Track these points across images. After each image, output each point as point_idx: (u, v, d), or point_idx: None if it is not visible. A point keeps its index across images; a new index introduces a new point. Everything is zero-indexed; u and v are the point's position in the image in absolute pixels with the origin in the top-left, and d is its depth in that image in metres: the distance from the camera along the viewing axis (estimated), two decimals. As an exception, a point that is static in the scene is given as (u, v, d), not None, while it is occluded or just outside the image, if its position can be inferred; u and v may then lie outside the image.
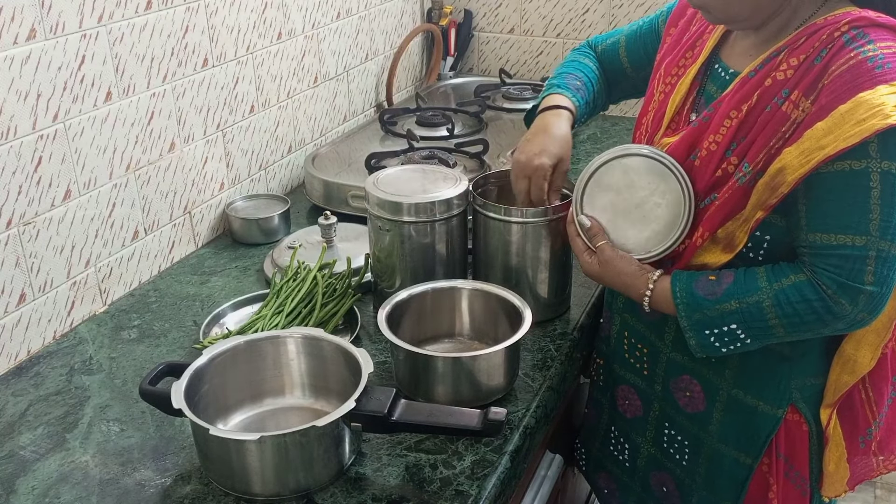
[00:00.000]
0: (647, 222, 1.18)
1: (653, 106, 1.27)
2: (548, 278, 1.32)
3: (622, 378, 1.36)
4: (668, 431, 1.31)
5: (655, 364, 1.29)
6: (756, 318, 1.08)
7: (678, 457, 1.31)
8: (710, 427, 1.25)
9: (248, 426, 1.12)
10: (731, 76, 1.16)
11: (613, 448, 1.43)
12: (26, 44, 1.23)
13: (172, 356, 1.30)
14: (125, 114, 1.42)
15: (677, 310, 1.13)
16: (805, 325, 1.07)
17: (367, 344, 1.31)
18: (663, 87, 1.26)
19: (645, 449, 1.36)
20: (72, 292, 1.38)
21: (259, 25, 1.71)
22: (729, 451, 1.24)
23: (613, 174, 1.19)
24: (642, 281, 1.17)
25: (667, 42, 1.30)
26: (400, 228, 1.29)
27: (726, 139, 1.11)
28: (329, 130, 2.02)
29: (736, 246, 1.11)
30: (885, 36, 1.02)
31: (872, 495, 2.49)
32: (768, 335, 1.10)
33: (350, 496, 1.01)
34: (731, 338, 1.11)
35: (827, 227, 1.04)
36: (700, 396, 1.24)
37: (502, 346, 1.13)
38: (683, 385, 1.26)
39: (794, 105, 1.05)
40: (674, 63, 1.25)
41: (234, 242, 1.65)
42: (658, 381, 1.29)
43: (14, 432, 1.14)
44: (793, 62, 1.06)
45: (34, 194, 1.29)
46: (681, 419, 1.28)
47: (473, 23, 2.47)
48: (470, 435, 1.05)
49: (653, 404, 1.32)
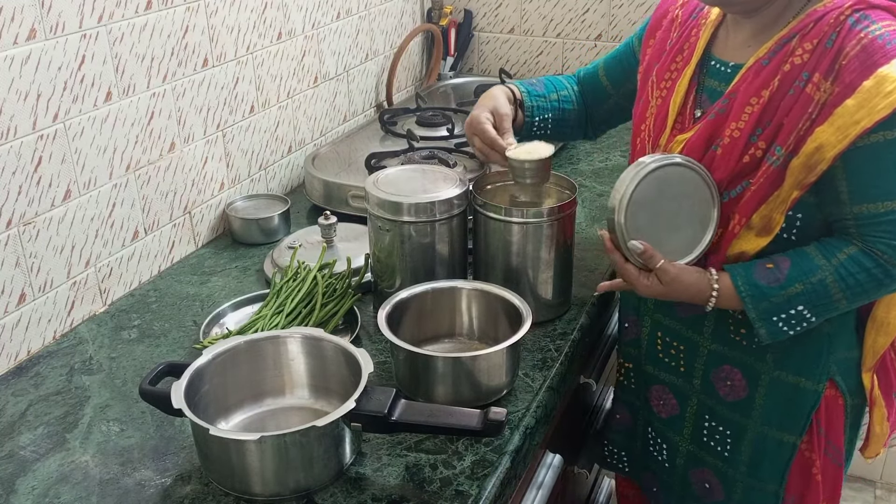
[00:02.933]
0: (684, 226, 1.20)
1: (650, 111, 1.30)
2: (550, 279, 1.32)
3: (655, 378, 1.39)
4: (707, 424, 1.34)
5: (694, 359, 1.32)
6: (821, 295, 1.13)
7: (719, 448, 1.33)
8: (753, 412, 1.28)
9: (249, 426, 1.12)
10: (733, 68, 1.20)
11: (653, 449, 1.46)
12: (26, 44, 1.23)
13: (172, 356, 1.30)
14: (125, 114, 1.42)
15: (744, 303, 1.16)
16: (866, 292, 1.14)
17: (367, 344, 1.31)
18: (659, 91, 1.29)
19: (683, 447, 1.38)
20: (72, 292, 1.38)
21: (259, 25, 1.71)
22: (772, 432, 1.28)
23: (646, 191, 1.18)
24: (706, 286, 1.19)
25: (647, 53, 1.36)
26: (400, 228, 1.29)
27: (749, 125, 1.14)
28: (329, 130, 2.02)
29: (773, 229, 1.15)
30: (883, 16, 1.09)
31: (873, 495, 2.49)
32: (831, 309, 1.16)
33: (350, 496, 1.01)
34: (797, 319, 1.15)
35: (871, 196, 1.10)
36: (742, 384, 1.28)
37: (502, 346, 1.13)
38: (724, 375, 1.29)
39: (816, 87, 1.09)
40: (665, 68, 1.29)
41: (234, 242, 1.65)
42: (697, 376, 1.32)
43: (14, 432, 1.14)
44: (807, 46, 1.11)
45: (34, 194, 1.29)
46: (721, 409, 1.31)
47: (473, 23, 2.47)
48: (470, 435, 1.05)
49: (690, 400, 1.35)
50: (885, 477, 2.52)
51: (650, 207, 1.18)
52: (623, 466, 1.55)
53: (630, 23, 2.28)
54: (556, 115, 1.48)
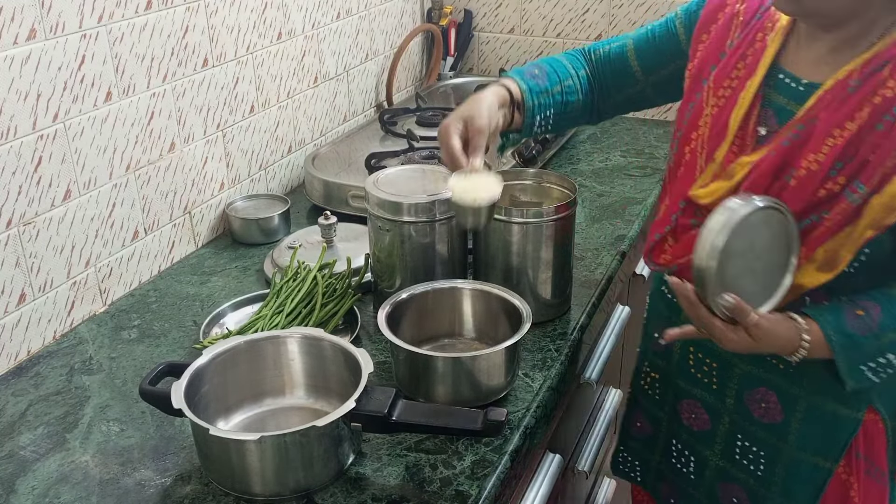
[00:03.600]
0: (766, 270, 1.11)
1: (704, 120, 1.20)
2: (549, 279, 1.32)
3: (687, 392, 1.33)
4: (740, 443, 1.28)
5: (727, 377, 1.26)
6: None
7: (752, 467, 1.28)
8: (789, 437, 1.22)
9: (249, 426, 1.12)
10: (806, 87, 1.11)
11: (676, 461, 1.40)
12: (26, 44, 1.23)
13: (172, 356, 1.30)
14: (125, 114, 1.42)
15: (835, 354, 1.09)
16: None
17: (367, 344, 1.31)
18: (716, 100, 1.18)
19: (713, 462, 1.33)
20: (72, 292, 1.38)
21: (259, 25, 1.71)
22: (808, 456, 1.22)
23: (737, 240, 1.06)
24: (796, 338, 1.10)
25: (700, 50, 1.23)
26: (400, 228, 1.29)
27: (830, 158, 1.05)
28: (329, 130, 2.02)
29: (838, 265, 1.07)
30: None
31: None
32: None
33: (350, 496, 1.01)
34: (884, 367, 1.09)
35: None
36: (777, 407, 1.22)
37: (502, 346, 1.13)
38: (759, 397, 1.23)
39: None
40: (725, 74, 1.18)
41: (234, 242, 1.65)
42: (730, 395, 1.27)
43: (14, 432, 1.14)
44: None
45: (34, 194, 1.29)
46: (755, 430, 1.26)
47: (473, 23, 2.47)
48: (470, 435, 1.05)
49: (722, 417, 1.29)
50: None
51: (739, 256, 1.07)
52: (635, 476, 1.50)
53: (630, 23, 2.28)
54: (558, 110, 1.34)
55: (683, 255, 1.19)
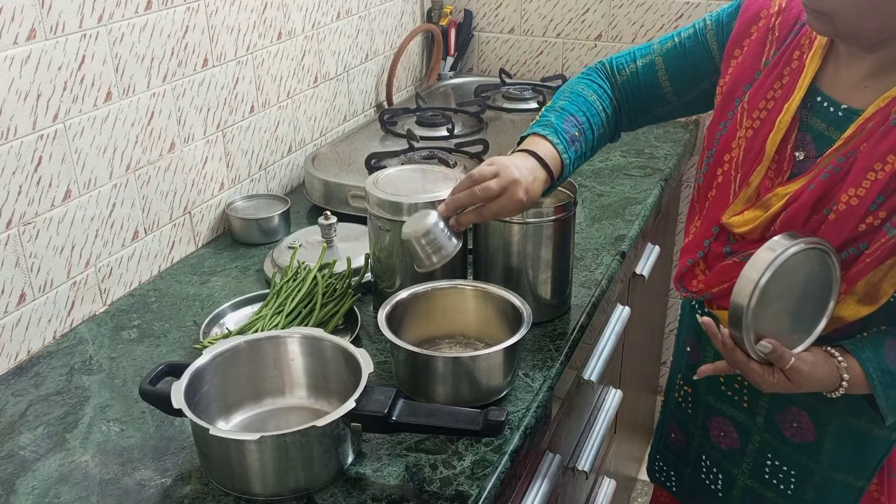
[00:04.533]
0: (807, 309, 1.08)
1: (737, 143, 1.15)
2: (549, 279, 1.32)
3: (717, 410, 1.32)
4: (770, 462, 1.27)
5: (758, 396, 1.24)
6: None
7: (782, 487, 1.27)
8: (821, 456, 1.21)
9: (249, 426, 1.12)
10: (846, 112, 1.07)
11: (705, 477, 1.39)
12: (26, 44, 1.23)
13: (172, 356, 1.30)
14: (125, 114, 1.42)
15: (875, 392, 1.07)
16: None
17: (367, 344, 1.31)
18: (751, 122, 1.14)
19: (741, 481, 1.32)
20: (72, 292, 1.38)
21: (259, 25, 1.71)
22: (840, 476, 1.21)
23: (774, 287, 1.04)
24: (836, 378, 1.08)
25: (733, 66, 1.18)
26: (400, 228, 1.29)
27: (872, 193, 1.02)
28: (329, 130, 2.02)
29: (879, 299, 1.06)
30: None
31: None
32: None
33: (350, 496, 1.01)
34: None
35: None
36: (809, 427, 1.21)
37: (502, 346, 1.13)
38: (791, 417, 1.22)
39: None
40: (761, 95, 1.13)
41: (234, 242, 1.65)
42: (760, 414, 1.25)
43: (14, 432, 1.14)
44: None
45: (34, 194, 1.29)
46: (787, 450, 1.24)
47: (473, 23, 2.47)
48: (470, 435, 1.05)
49: (752, 436, 1.28)
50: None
51: (779, 297, 1.05)
52: (671, 485, 1.49)
53: (630, 23, 2.28)
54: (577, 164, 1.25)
55: (717, 285, 1.17)
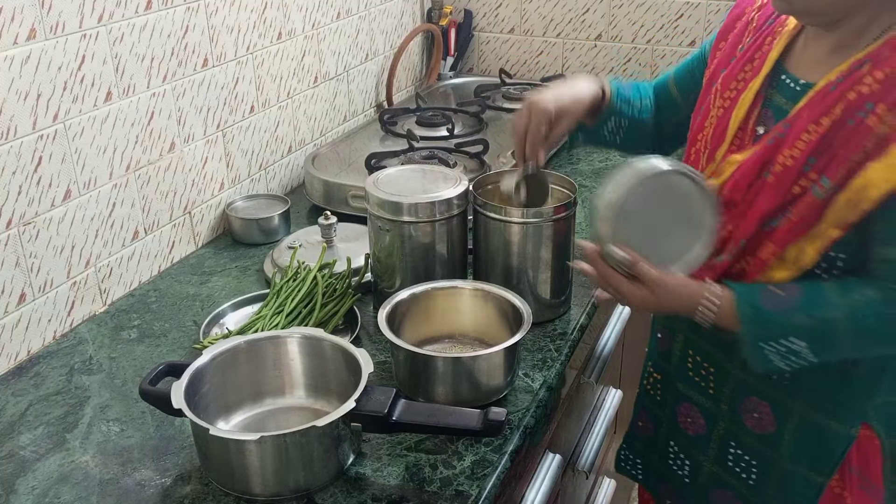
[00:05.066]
0: (677, 236, 1.12)
1: (710, 122, 1.22)
2: (549, 279, 1.32)
3: (685, 396, 1.33)
4: (733, 451, 1.28)
5: (723, 383, 1.26)
6: (826, 333, 1.05)
7: (744, 476, 1.28)
8: (782, 448, 1.22)
9: (249, 426, 1.12)
10: (804, 87, 1.11)
11: (672, 463, 1.40)
12: (26, 44, 1.23)
13: (172, 356, 1.30)
14: (125, 114, 1.42)
15: (742, 323, 1.08)
16: (878, 342, 1.06)
17: (367, 344, 1.31)
18: (721, 101, 1.20)
19: (707, 467, 1.33)
20: (72, 292, 1.38)
21: (259, 25, 1.71)
22: (800, 470, 1.21)
23: (635, 200, 1.08)
24: (699, 294, 1.10)
25: (716, 57, 1.25)
26: (400, 228, 1.29)
27: (804, 154, 1.06)
28: (329, 130, 2.02)
29: (806, 264, 1.07)
30: None
31: (872, 495, 2.49)
32: (835, 352, 1.08)
33: (350, 496, 1.01)
34: (793, 353, 1.07)
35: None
36: (769, 418, 1.21)
37: (502, 346, 1.13)
38: (751, 406, 1.23)
39: (879, 119, 1.00)
40: (732, 77, 1.19)
41: (234, 242, 1.65)
42: (724, 401, 1.26)
43: (14, 432, 1.14)
44: (878, 76, 1.02)
45: (34, 194, 1.29)
46: (748, 440, 1.25)
47: (473, 23, 2.47)
48: (470, 435, 1.05)
49: (717, 423, 1.29)
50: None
51: (639, 215, 1.09)
52: (636, 473, 1.50)
53: (630, 23, 2.28)
54: (632, 123, 1.37)
55: None
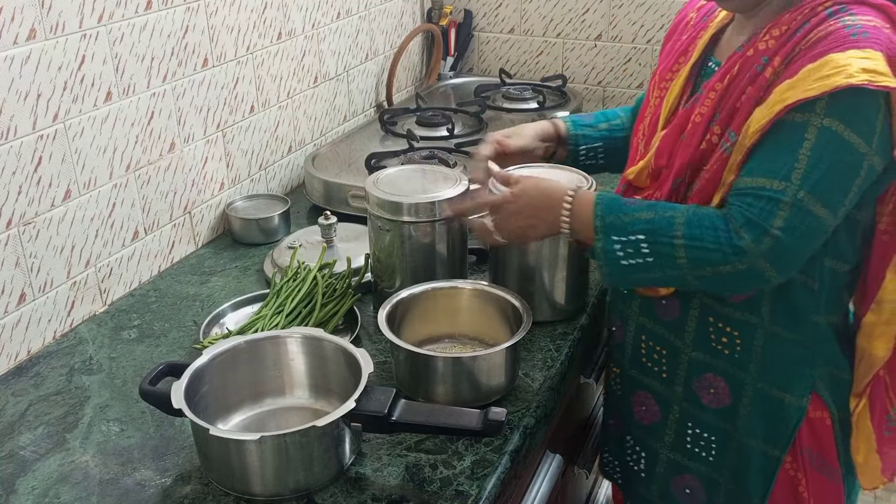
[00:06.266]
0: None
1: (648, 111, 1.30)
2: (565, 278, 1.32)
3: (640, 384, 1.34)
4: (691, 431, 1.30)
5: (676, 365, 1.28)
6: (664, 230, 1.10)
7: (704, 454, 1.30)
8: (738, 421, 1.25)
9: (249, 426, 1.12)
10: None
11: (629, 458, 1.41)
12: (26, 44, 1.23)
13: (172, 356, 1.30)
14: (125, 114, 1.42)
15: (594, 209, 1.14)
16: (707, 253, 1.07)
17: (367, 344, 1.31)
18: (658, 91, 1.29)
19: (664, 455, 1.34)
20: (72, 292, 1.38)
21: (259, 25, 1.71)
22: (757, 443, 1.24)
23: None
24: (565, 193, 1.18)
25: (661, 58, 1.35)
26: (400, 228, 1.29)
27: (710, 110, 1.14)
28: (329, 130, 2.02)
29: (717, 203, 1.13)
30: (866, 10, 1.07)
31: (872, 495, 2.49)
32: (670, 258, 1.10)
33: (350, 496, 1.01)
34: (635, 249, 1.11)
35: (753, 171, 1.07)
36: (725, 392, 1.24)
37: (503, 346, 1.13)
38: (707, 383, 1.26)
39: (773, 70, 1.09)
40: (667, 69, 1.28)
41: (234, 242, 1.65)
42: (679, 383, 1.28)
43: (14, 432, 1.14)
44: (775, 33, 1.11)
45: (34, 194, 1.29)
46: (706, 416, 1.28)
47: (473, 23, 2.47)
48: (470, 435, 1.05)
49: (672, 407, 1.31)
50: (885, 477, 2.52)
51: None
52: (617, 477, 1.50)
53: (630, 23, 2.28)
54: (607, 144, 1.44)
55: None
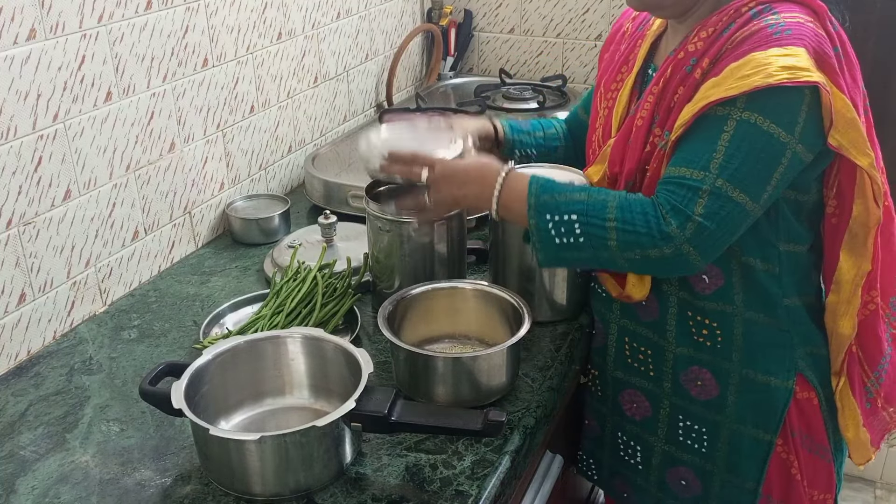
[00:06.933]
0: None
1: (599, 122, 1.33)
2: (565, 278, 1.32)
3: (626, 383, 1.37)
4: (682, 424, 1.33)
5: (661, 362, 1.31)
6: (597, 212, 1.12)
7: (696, 446, 1.33)
8: (727, 410, 1.27)
9: (249, 426, 1.12)
10: None
11: (623, 453, 1.43)
12: (26, 44, 1.23)
13: (172, 356, 1.30)
14: (125, 114, 1.42)
15: (529, 188, 1.15)
16: (637, 237, 1.10)
17: (367, 344, 1.31)
18: (606, 102, 1.32)
19: (658, 447, 1.37)
20: (72, 292, 1.38)
21: (259, 25, 1.71)
22: (747, 430, 1.27)
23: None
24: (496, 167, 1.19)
25: (601, 69, 1.39)
26: (399, 228, 1.29)
27: (649, 113, 1.18)
28: (329, 130, 2.02)
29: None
30: (789, 7, 1.11)
31: (872, 495, 2.49)
32: (602, 239, 1.11)
33: (350, 496, 1.01)
34: (567, 229, 1.13)
35: (677, 161, 1.12)
36: (712, 382, 1.27)
37: (502, 346, 1.13)
38: (693, 376, 1.28)
39: (702, 70, 1.13)
40: (612, 79, 1.32)
41: (234, 242, 1.65)
42: (666, 379, 1.31)
43: (14, 432, 1.14)
44: (703, 35, 1.14)
45: (34, 194, 1.29)
46: (695, 409, 1.30)
47: (473, 23, 2.47)
48: (470, 435, 1.05)
49: (662, 402, 1.33)
50: (885, 477, 2.52)
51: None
52: (592, 474, 1.53)
53: (630, 23, 2.28)
54: (540, 151, 1.49)
55: None
